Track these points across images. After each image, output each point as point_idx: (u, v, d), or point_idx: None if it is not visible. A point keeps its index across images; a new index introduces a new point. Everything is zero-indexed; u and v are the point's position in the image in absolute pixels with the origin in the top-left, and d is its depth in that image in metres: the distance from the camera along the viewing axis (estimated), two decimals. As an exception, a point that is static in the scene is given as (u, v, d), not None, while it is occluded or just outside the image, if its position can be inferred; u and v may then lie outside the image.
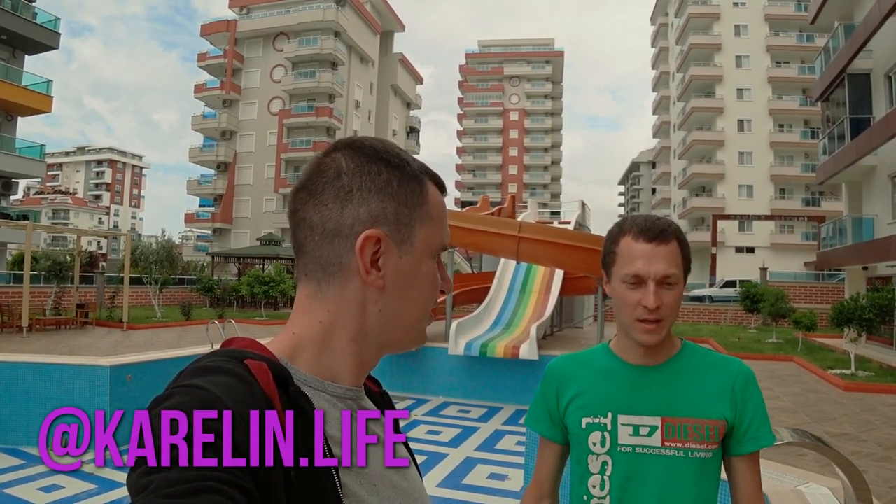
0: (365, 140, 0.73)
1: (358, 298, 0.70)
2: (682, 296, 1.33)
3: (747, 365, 1.37)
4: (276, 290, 21.90)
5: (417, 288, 0.72)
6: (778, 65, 46.30)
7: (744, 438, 1.30)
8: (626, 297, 1.30)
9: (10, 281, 22.11)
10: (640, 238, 1.29)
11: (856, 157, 16.77)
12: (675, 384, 1.33)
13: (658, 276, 1.27)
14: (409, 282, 0.72)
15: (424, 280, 0.73)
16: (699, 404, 1.30)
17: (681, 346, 1.39)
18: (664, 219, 1.34)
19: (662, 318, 1.28)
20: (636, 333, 1.30)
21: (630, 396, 1.33)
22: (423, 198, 0.73)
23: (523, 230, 10.41)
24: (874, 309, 12.25)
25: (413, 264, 0.72)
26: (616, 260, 1.33)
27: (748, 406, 1.31)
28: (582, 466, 1.36)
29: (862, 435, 7.54)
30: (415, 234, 0.71)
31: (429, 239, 0.73)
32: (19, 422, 6.12)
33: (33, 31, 24.87)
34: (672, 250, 1.29)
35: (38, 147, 26.70)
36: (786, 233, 45.09)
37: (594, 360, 1.43)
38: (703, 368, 1.35)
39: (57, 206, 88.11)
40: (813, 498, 2.98)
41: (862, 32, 16.06)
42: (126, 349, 12.94)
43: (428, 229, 0.73)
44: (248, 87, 48.76)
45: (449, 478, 5.85)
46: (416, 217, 0.72)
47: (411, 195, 0.72)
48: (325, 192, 0.70)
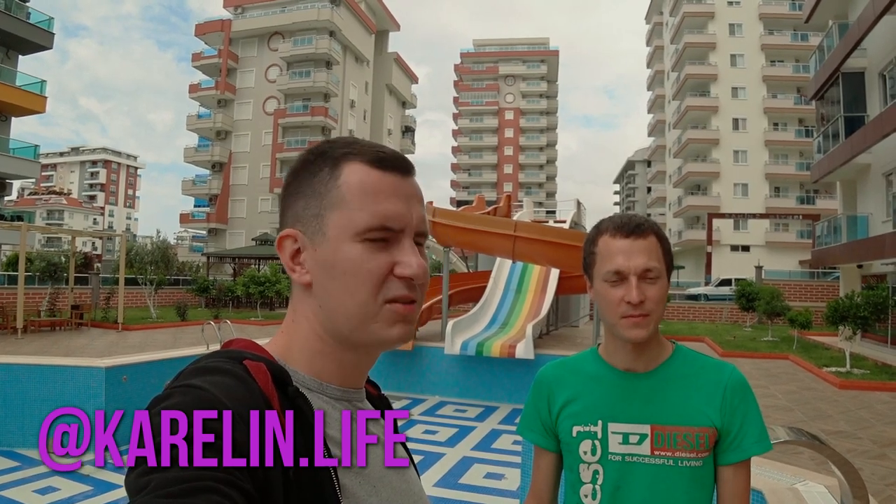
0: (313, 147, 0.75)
1: (302, 297, 0.73)
2: (666, 291, 1.29)
3: (740, 371, 1.34)
4: (272, 290, 21.87)
5: (339, 276, 0.69)
6: (772, 63, 46.46)
7: (730, 447, 1.27)
8: (609, 295, 1.27)
9: (4, 282, 21.99)
10: (618, 234, 1.28)
11: (850, 155, 16.82)
12: (664, 391, 1.30)
13: (639, 270, 1.24)
14: (330, 272, 0.69)
15: (345, 266, 0.68)
16: (689, 412, 1.27)
17: (672, 351, 1.36)
18: (640, 215, 1.33)
19: (648, 312, 1.25)
20: (622, 330, 1.26)
21: (620, 404, 1.31)
22: (332, 182, 0.70)
23: (519, 229, 10.40)
24: (869, 307, 12.30)
25: (328, 253, 0.69)
26: (596, 260, 1.31)
27: (736, 414, 1.27)
28: (574, 475, 1.34)
29: (857, 432, 7.56)
30: (325, 222, 0.70)
31: (344, 223, 0.69)
32: (15, 424, 6.08)
33: (27, 31, 24.74)
34: (651, 244, 1.27)
35: (33, 147, 26.56)
36: (781, 231, 45.26)
37: (583, 366, 1.40)
38: (693, 374, 1.32)
39: (51, 206, 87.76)
40: (809, 496, 2.99)
41: (856, 31, 16.11)
42: (121, 350, 12.90)
43: (341, 213, 0.69)
44: (243, 86, 48.68)
45: (446, 477, 5.85)
46: (325, 205, 0.70)
47: (319, 184, 0.71)
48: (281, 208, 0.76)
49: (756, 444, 1.27)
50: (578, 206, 19.39)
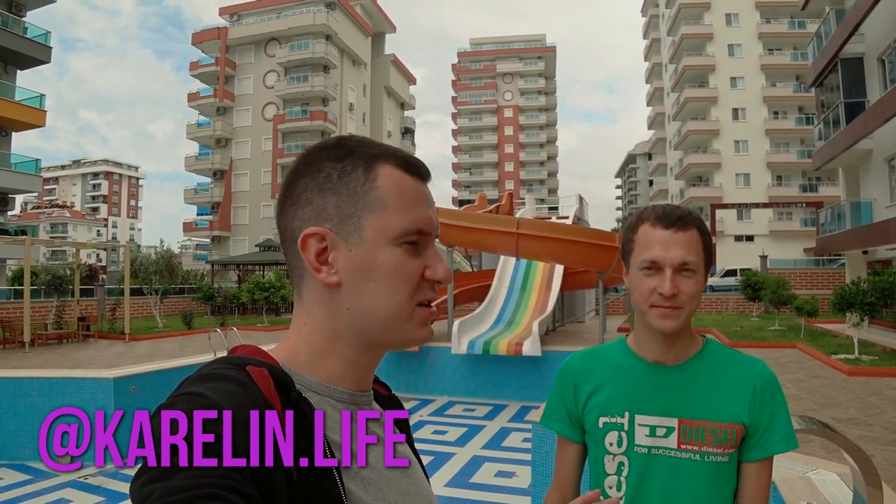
0: (322, 141, 0.74)
1: (324, 298, 0.71)
2: (702, 287, 1.27)
3: (770, 368, 1.33)
4: (277, 295, 21.91)
5: (378, 279, 0.69)
6: (770, 52, 46.27)
7: (756, 445, 1.26)
8: (643, 284, 1.26)
9: (10, 296, 22.06)
10: (658, 224, 1.26)
11: (851, 141, 16.76)
12: (694, 385, 1.29)
13: (675, 263, 1.23)
14: (367, 274, 0.69)
15: (385, 270, 0.69)
16: (717, 407, 1.27)
17: (703, 345, 1.34)
18: (685, 207, 1.31)
19: (680, 305, 1.23)
20: (652, 319, 1.25)
21: (648, 396, 1.30)
22: (369, 184, 0.70)
23: (522, 226, 10.40)
24: (876, 293, 12.25)
25: (366, 255, 0.69)
26: (634, 248, 1.30)
27: (765, 411, 1.26)
28: (599, 466, 1.33)
29: (868, 419, 7.54)
30: (362, 223, 0.69)
31: (383, 226, 0.69)
32: (25, 437, 6.11)
33: (24, 46, 24.79)
34: (691, 237, 1.25)
35: (34, 162, 26.62)
36: (784, 220, 45.07)
37: (611, 356, 1.39)
38: (723, 370, 1.31)
39: (55, 219, 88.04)
40: (822, 484, 2.97)
41: (853, 16, 16.04)
42: (129, 361, 12.92)
43: (380, 216, 0.69)
44: (242, 93, 48.74)
45: (456, 477, 5.85)
46: (362, 206, 0.69)
47: (353, 184, 0.70)
48: (286, 201, 0.73)
49: (782, 441, 1.27)
50: (580, 202, 19.36)
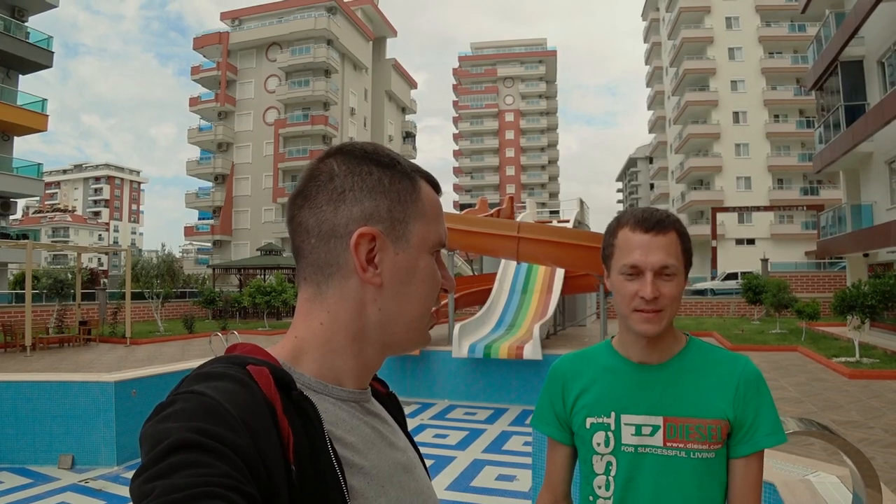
0: (356, 144, 0.75)
1: (357, 297, 0.71)
2: (682, 289, 1.29)
3: (753, 364, 1.33)
4: (278, 299, 21.91)
5: (416, 284, 0.73)
6: (771, 55, 46.32)
7: (742, 440, 1.27)
8: (624, 288, 1.28)
9: (12, 300, 22.10)
10: (638, 228, 1.28)
11: (852, 144, 16.77)
12: (678, 383, 1.30)
13: (655, 267, 1.24)
14: (408, 277, 0.72)
15: (423, 275, 0.73)
16: (702, 404, 1.27)
17: (686, 343, 1.36)
18: (663, 210, 1.32)
19: (661, 308, 1.25)
20: (634, 324, 1.27)
21: (633, 396, 1.31)
22: (416, 195, 0.74)
23: (522, 230, 10.40)
24: (877, 295, 12.24)
25: (410, 260, 0.72)
26: (614, 252, 1.31)
27: (749, 406, 1.27)
28: (588, 466, 1.35)
29: (869, 422, 7.53)
30: (410, 230, 0.73)
31: (425, 235, 0.74)
32: (26, 441, 6.11)
33: (26, 51, 24.88)
34: (670, 241, 1.27)
35: (36, 166, 26.70)
36: (785, 223, 45.07)
37: (598, 358, 1.40)
38: (707, 367, 1.31)
39: (56, 224, 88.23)
40: (822, 487, 2.98)
41: (853, 20, 16.07)
42: (130, 364, 12.94)
43: (423, 225, 0.74)
44: (243, 98, 48.84)
45: (457, 480, 5.84)
46: (411, 213, 0.73)
47: (404, 192, 0.73)
48: (320, 196, 0.71)
49: (768, 436, 1.27)
50: (581, 206, 19.38)
